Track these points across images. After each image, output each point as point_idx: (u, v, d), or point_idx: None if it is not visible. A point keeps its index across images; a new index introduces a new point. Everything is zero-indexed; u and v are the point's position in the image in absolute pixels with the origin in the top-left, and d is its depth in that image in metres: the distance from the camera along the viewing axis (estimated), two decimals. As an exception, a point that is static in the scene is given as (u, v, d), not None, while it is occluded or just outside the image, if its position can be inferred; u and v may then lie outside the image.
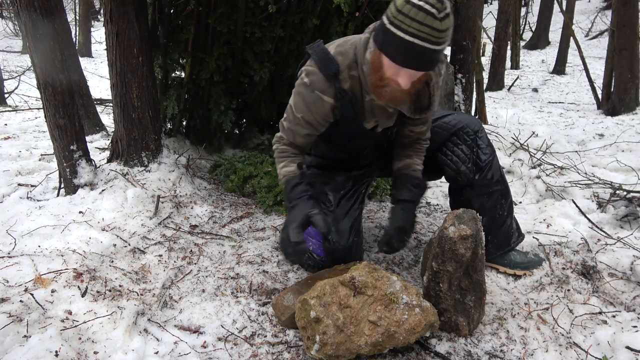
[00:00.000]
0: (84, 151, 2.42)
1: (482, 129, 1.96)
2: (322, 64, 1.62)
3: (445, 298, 1.62)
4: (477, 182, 1.93)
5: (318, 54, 1.63)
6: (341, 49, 1.64)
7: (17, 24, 14.57)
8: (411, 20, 1.34)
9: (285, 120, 1.79)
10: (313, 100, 1.66)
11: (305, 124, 1.72)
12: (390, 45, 1.41)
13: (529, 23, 16.87)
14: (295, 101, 1.72)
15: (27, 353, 1.36)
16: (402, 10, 1.36)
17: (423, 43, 1.36)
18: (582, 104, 8.01)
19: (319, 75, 1.63)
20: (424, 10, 1.33)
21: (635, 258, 2.02)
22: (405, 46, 1.37)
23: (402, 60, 1.42)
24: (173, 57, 3.03)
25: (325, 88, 1.63)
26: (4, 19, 17.77)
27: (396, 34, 1.37)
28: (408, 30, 1.35)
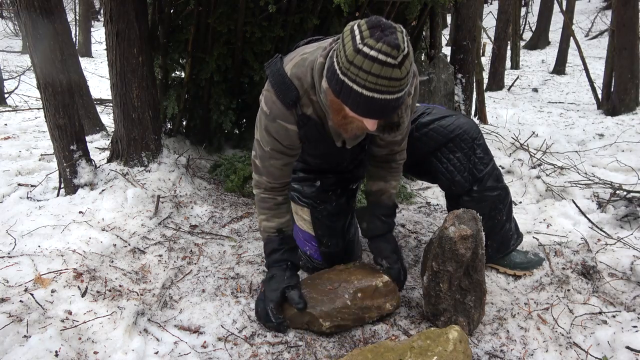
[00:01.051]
0: (84, 151, 2.42)
1: (480, 135, 1.89)
2: (280, 91, 1.51)
3: (445, 298, 1.62)
4: (474, 192, 1.89)
5: (275, 79, 1.52)
6: (298, 72, 1.50)
7: (17, 24, 14.57)
8: (366, 73, 1.21)
9: (256, 159, 1.69)
10: (276, 130, 1.56)
11: (278, 154, 1.62)
12: (347, 97, 1.28)
13: (529, 23, 16.87)
14: (260, 135, 1.63)
15: (27, 353, 1.36)
16: (353, 62, 1.22)
17: (383, 96, 1.23)
18: (582, 104, 8.02)
19: (278, 103, 1.53)
20: (378, 61, 1.19)
21: (635, 258, 2.02)
22: (365, 100, 1.25)
23: (364, 112, 1.30)
24: (173, 57, 3.03)
25: (286, 116, 1.54)
26: (4, 19, 17.76)
27: (352, 88, 1.24)
28: (365, 85, 1.22)
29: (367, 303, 1.66)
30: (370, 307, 1.66)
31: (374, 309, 1.67)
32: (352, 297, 1.64)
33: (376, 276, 1.72)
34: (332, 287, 1.68)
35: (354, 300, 1.64)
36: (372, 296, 1.67)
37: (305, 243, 1.95)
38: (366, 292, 1.67)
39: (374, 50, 1.19)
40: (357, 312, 1.64)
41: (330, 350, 1.57)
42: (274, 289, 1.65)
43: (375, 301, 1.67)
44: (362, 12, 2.97)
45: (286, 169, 1.68)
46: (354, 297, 1.64)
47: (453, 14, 4.30)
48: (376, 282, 1.69)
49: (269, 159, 1.63)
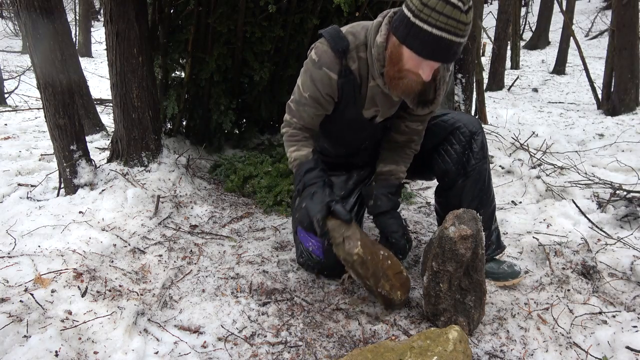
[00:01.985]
0: (84, 151, 2.42)
1: (480, 131, 1.90)
2: (332, 40, 1.63)
3: (445, 298, 1.62)
4: (460, 186, 1.90)
5: (330, 32, 1.65)
6: (352, 30, 1.66)
7: (17, 24, 14.57)
8: (438, 14, 1.35)
9: (292, 102, 1.80)
10: (320, 78, 1.67)
11: (313, 102, 1.73)
12: (415, 39, 1.41)
13: (529, 23, 16.88)
14: (302, 80, 1.73)
15: (27, 353, 1.36)
16: (428, 4, 1.36)
17: (450, 36, 1.37)
18: (582, 104, 8.02)
19: (328, 51, 1.64)
20: (451, 3, 1.34)
21: (635, 258, 2.02)
22: (433, 39, 1.38)
23: (428, 53, 1.42)
24: (173, 57, 3.03)
25: (333, 64, 1.64)
26: (4, 19, 17.77)
27: (423, 28, 1.38)
28: (436, 24, 1.36)
29: (389, 273, 1.69)
30: (389, 276, 1.69)
31: (391, 279, 1.70)
32: (385, 258, 1.70)
33: (402, 266, 1.77)
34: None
35: (385, 261, 1.70)
36: (396, 272, 1.71)
37: (308, 239, 1.95)
38: (393, 266, 1.71)
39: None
40: (378, 268, 1.68)
41: (330, 350, 1.57)
42: (318, 202, 1.66)
43: (395, 277, 1.71)
44: (362, 12, 2.97)
45: (316, 118, 1.80)
46: (386, 259, 1.70)
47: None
48: (402, 268, 1.75)
49: (305, 105, 1.75)
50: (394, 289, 1.70)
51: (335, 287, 1.92)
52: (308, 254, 1.95)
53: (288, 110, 1.83)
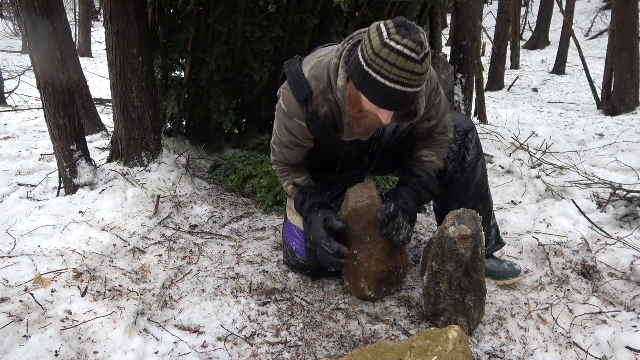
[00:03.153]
0: (84, 151, 2.42)
1: (474, 129, 1.93)
2: (295, 88, 1.62)
3: (445, 298, 1.62)
4: (456, 182, 1.91)
5: (293, 77, 1.63)
6: (315, 73, 1.62)
7: (17, 24, 14.56)
8: (390, 65, 1.31)
9: (274, 144, 1.84)
10: (292, 127, 1.70)
11: (293, 146, 1.77)
12: (369, 88, 1.38)
13: (529, 23, 16.88)
14: (278, 127, 1.77)
15: (27, 353, 1.36)
16: (380, 54, 1.31)
17: (404, 88, 1.34)
18: (582, 104, 8.02)
19: (293, 100, 1.65)
20: (404, 55, 1.29)
21: (635, 258, 2.02)
22: (386, 91, 1.35)
23: (383, 103, 1.40)
24: (173, 57, 3.03)
25: (299, 113, 1.66)
26: (4, 19, 17.77)
27: (376, 79, 1.34)
28: (388, 77, 1.32)
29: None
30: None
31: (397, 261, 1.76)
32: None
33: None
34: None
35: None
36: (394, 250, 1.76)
37: (293, 238, 1.95)
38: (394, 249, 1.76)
39: (400, 45, 1.29)
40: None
41: (330, 350, 1.57)
42: (316, 229, 1.70)
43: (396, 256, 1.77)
44: (362, 12, 2.97)
45: (301, 155, 1.84)
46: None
47: (453, 14, 4.31)
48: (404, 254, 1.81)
49: (285, 148, 1.80)
50: (401, 267, 1.78)
51: (335, 287, 1.92)
52: (292, 254, 1.96)
53: (272, 152, 1.88)
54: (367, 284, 1.76)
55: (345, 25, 3.03)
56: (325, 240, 1.66)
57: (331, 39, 2.98)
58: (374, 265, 1.74)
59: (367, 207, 1.72)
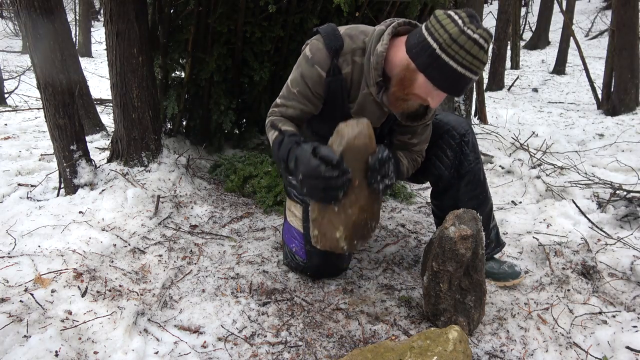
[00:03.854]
0: (84, 151, 2.42)
1: (469, 132, 1.88)
2: (327, 37, 1.62)
3: (445, 298, 1.62)
4: (453, 188, 1.89)
5: (326, 30, 1.64)
6: (350, 32, 1.64)
7: (17, 24, 14.56)
8: (465, 52, 1.37)
9: (279, 98, 1.78)
10: (310, 75, 1.65)
11: (302, 98, 1.71)
12: (438, 72, 1.42)
13: (529, 23, 16.87)
14: (293, 76, 1.72)
15: (27, 353, 1.36)
16: (457, 40, 1.37)
17: (471, 75, 1.41)
18: (582, 104, 8.02)
19: (321, 48, 1.62)
20: (478, 44, 1.37)
21: (635, 258, 2.02)
22: (456, 76, 1.40)
23: (447, 87, 1.44)
24: (173, 57, 3.03)
25: (324, 61, 1.63)
26: (4, 19, 17.76)
27: (448, 63, 1.39)
28: (462, 62, 1.38)
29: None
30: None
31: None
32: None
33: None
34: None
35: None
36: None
37: (292, 240, 1.95)
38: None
39: (476, 34, 1.36)
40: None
41: (330, 350, 1.57)
42: (306, 162, 1.47)
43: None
44: (362, 12, 2.97)
45: (301, 115, 1.76)
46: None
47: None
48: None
49: (292, 100, 1.73)
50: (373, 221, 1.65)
51: (335, 287, 1.92)
52: (292, 255, 1.96)
53: (273, 106, 1.81)
54: (343, 234, 1.58)
55: (345, 25, 3.03)
56: (322, 167, 1.44)
57: (331, 39, 2.97)
58: (356, 213, 1.58)
59: (364, 147, 1.52)
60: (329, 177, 1.45)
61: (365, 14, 3.03)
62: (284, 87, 1.77)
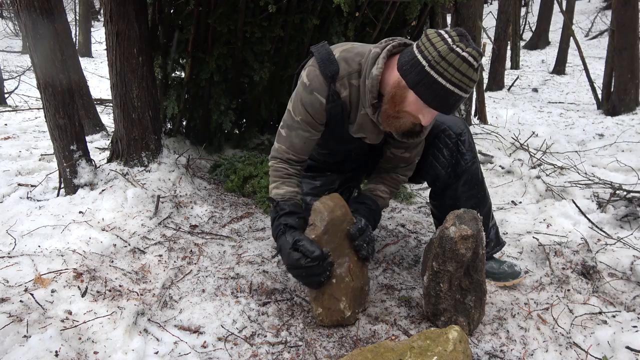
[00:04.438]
0: (84, 151, 2.42)
1: (465, 131, 1.88)
2: (322, 63, 1.63)
3: (445, 298, 1.62)
4: (452, 188, 1.89)
5: (321, 54, 1.65)
6: (346, 55, 1.64)
7: (17, 24, 14.56)
8: (454, 69, 1.39)
9: (283, 128, 1.77)
10: (311, 102, 1.66)
11: (305, 125, 1.71)
12: (427, 89, 1.44)
13: (529, 23, 16.87)
14: (294, 104, 1.72)
15: (27, 353, 1.36)
16: (446, 57, 1.39)
17: (460, 92, 1.42)
18: (582, 104, 8.02)
19: (318, 75, 1.63)
20: (467, 62, 1.39)
21: (635, 258, 2.02)
22: (444, 93, 1.42)
23: (437, 104, 1.46)
24: (173, 57, 3.03)
25: (322, 88, 1.64)
26: (4, 19, 17.76)
27: (437, 80, 1.41)
28: (450, 80, 1.40)
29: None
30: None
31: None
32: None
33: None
34: None
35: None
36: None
37: None
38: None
39: (465, 52, 1.39)
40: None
41: (330, 350, 1.57)
42: (286, 253, 1.60)
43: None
44: (362, 12, 2.97)
45: (308, 143, 1.76)
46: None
47: (453, 14, 4.30)
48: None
49: (297, 129, 1.73)
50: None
51: (335, 287, 1.92)
52: None
53: (277, 138, 1.79)
54: (347, 303, 1.64)
55: (345, 25, 3.03)
56: (302, 259, 1.55)
57: (331, 39, 2.98)
58: (353, 280, 1.68)
59: (343, 217, 1.67)
60: (310, 267, 1.56)
61: (365, 14, 3.03)
62: (286, 115, 1.76)
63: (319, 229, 1.62)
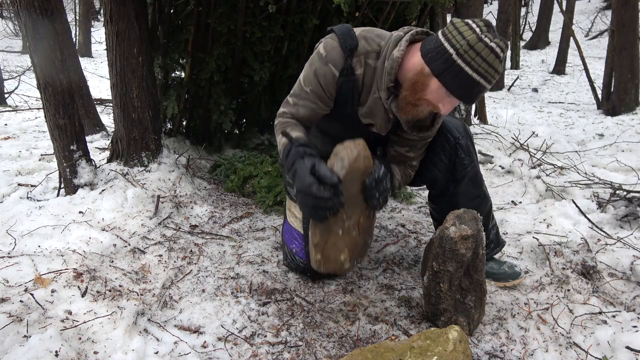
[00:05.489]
0: (84, 151, 2.42)
1: (463, 135, 1.85)
2: (342, 36, 1.61)
3: (445, 298, 1.62)
4: (451, 192, 1.88)
5: (341, 29, 1.63)
6: (366, 34, 1.63)
7: (17, 24, 14.56)
8: (482, 59, 1.39)
9: (291, 97, 1.75)
10: (324, 73, 1.63)
11: (314, 96, 1.68)
12: (453, 77, 1.42)
13: (529, 23, 16.87)
14: (305, 74, 1.69)
15: (27, 353, 1.36)
16: (474, 47, 1.38)
17: (485, 83, 1.42)
18: (582, 104, 8.01)
19: (336, 47, 1.61)
20: (495, 52, 1.39)
21: (635, 258, 2.02)
22: (470, 82, 1.41)
23: (461, 93, 1.45)
24: (173, 57, 3.03)
25: (338, 60, 1.61)
26: (4, 19, 17.76)
27: (464, 69, 1.40)
28: (477, 69, 1.40)
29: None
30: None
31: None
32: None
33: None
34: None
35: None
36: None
37: (293, 240, 1.95)
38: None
39: (493, 42, 1.39)
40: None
41: (330, 350, 1.57)
42: (302, 177, 1.48)
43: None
44: (362, 12, 2.97)
45: (313, 115, 1.74)
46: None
47: (453, 14, 4.30)
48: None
49: (304, 99, 1.71)
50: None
51: (335, 287, 1.92)
52: (292, 256, 1.96)
53: (284, 104, 1.77)
54: (347, 256, 1.59)
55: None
56: (315, 186, 1.44)
57: (331, 39, 2.97)
58: (360, 235, 1.62)
59: (364, 169, 1.55)
60: (320, 197, 1.45)
61: (365, 14, 3.03)
62: (296, 84, 1.74)
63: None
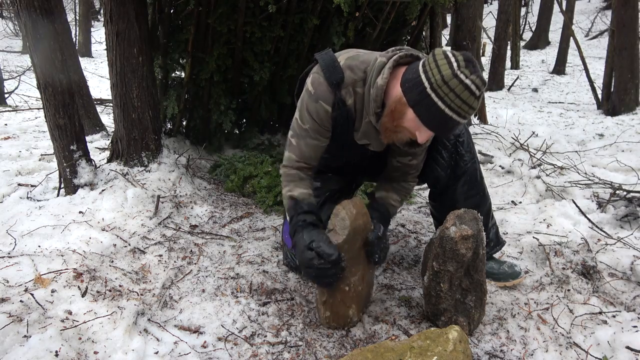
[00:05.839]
0: (84, 151, 2.42)
1: (464, 132, 1.87)
2: (327, 70, 1.62)
3: (445, 298, 1.62)
4: (452, 189, 1.89)
5: (325, 61, 1.63)
6: (351, 63, 1.63)
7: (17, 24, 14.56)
8: (455, 95, 1.38)
9: (292, 137, 1.77)
10: (316, 110, 1.65)
11: (314, 133, 1.71)
12: (426, 110, 1.43)
13: (529, 23, 16.87)
14: (300, 113, 1.72)
15: (27, 353, 1.36)
16: (448, 83, 1.38)
17: (458, 118, 1.41)
18: (582, 104, 8.02)
19: (323, 82, 1.62)
20: (469, 89, 1.37)
21: (635, 258, 2.02)
22: (442, 117, 1.41)
23: (433, 126, 1.46)
24: (173, 57, 3.03)
25: (327, 96, 1.63)
26: (4, 19, 17.76)
27: (437, 103, 1.40)
28: (450, 105, 1.39)
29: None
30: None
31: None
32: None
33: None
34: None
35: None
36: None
37: (290, 240, 1.95)
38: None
39: (468, 79, 1.37)
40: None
41: (330, 350, 1.57)
42: (300, 251, 1.58)
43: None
44: (362, 12, 2.97)
45: (317, 150, 1.76)
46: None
47: (453, 14, 4.31)
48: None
49: (305, 137, 1.73)
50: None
51: (335, 287, 1.92)
52: (292, 256, 1.98)
53: (288, 147, 1.79)
54: (355, 310, 1.67)
55: (345, 25, 3.03)
56: (316, 260, 1.52)
57: (331, 39, 2.98)
58: (365, 288, 1.70)
59: (364, 225, 1.63)
60: (322, 269, 1.53)
61: (365, 14, 3.03)
62: (294, 122, 1.76)
63: (340, 238, 1.57)
